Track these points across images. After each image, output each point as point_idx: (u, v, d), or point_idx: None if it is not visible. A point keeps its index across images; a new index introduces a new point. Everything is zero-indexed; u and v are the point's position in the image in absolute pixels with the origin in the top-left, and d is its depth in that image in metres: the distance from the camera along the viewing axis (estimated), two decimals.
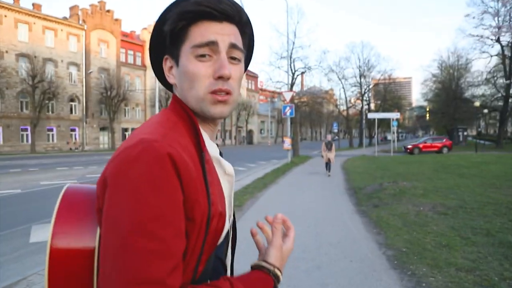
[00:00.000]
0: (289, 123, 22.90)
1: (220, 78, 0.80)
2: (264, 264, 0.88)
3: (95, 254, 0.77)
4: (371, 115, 29.01)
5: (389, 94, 58.74)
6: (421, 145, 31.46)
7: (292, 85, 27.39)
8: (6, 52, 37.49)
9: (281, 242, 0.94)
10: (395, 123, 31.91)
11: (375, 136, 40.75)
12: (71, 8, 45.32)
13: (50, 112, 41.25)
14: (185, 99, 0.83)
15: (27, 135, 38.10)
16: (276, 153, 35.83)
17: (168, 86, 0.93)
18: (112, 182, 0.68)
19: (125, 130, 50.10)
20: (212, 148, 0.87)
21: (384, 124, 52.72)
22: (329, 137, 16.60)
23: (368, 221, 7.05)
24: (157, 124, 0.78)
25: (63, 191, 0.83)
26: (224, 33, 0.81)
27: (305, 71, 28.31)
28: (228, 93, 0.82)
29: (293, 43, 27.46)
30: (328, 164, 15.27)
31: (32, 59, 38.00)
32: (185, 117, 0.82)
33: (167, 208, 0.67)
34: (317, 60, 64.34)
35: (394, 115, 29.15)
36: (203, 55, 0.80)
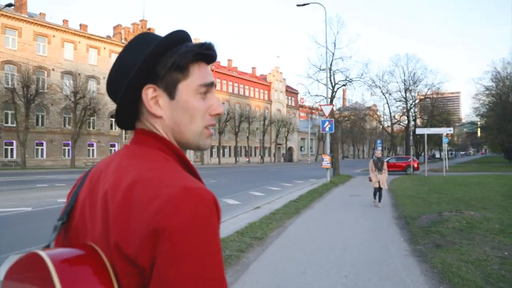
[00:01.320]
0: (328, 139, 20.98)
1: (217, 115, 0.87)
2: None
3: None
4: (420, 131, 26.32)
5: (437, 109, 54.98)
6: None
7: (332, 98, 25.49)
8: (53, 70, 38.49)
9: None
10: (446, 140, 28.96)
11: (423, 154, 37.46)
12: (115, 27, 46.28)
13: (91, 128, 41.75)
14: (179, 132, 0.84)
15: (68, 150, 38.54)
16: (315, 171, 33.76)
17: (126, 116, 0.86)
18: (174, 238, 0.64)
19: None
20: None
21: (431, 141, 49.11)
22: (378, 153, 11.94)
23: (430, 269, 5.11)
24: (166, 167, 0.76)
25: (49, 263, 0.64)
26: (212, 75, 0.88)
27: (346, 84, 26.32)
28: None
29: (333, 54, 25.67)
30: (377, 191, 11.24)
31: (75, 76, 38.73)
32: (174, 156, 0.82)
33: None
34: (359, 73, 61.84)
35: (446, 130, 26.29)
36: (204, 93, 0.85)
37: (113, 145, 43.98)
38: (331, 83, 26.01)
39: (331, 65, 25.69)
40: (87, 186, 0.83)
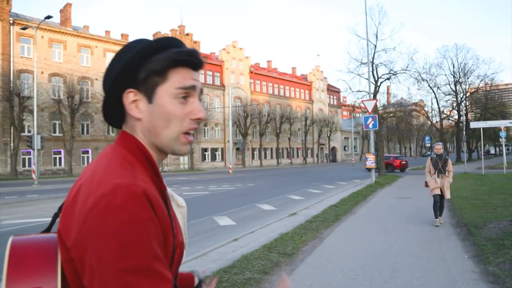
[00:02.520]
0: (372, 137, 19.36)
1: (198, 119, 0.87)
2: None
3: None
4: (475, 125, 23.85)
5: (491, 102, 50.81)
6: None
7: (375, 94, 23.75)
8: (96, 79, 39.40)
9: None
10: (503, 134, 26.16)
11: (478, 150, 34.39)
12: (154, 35, 46.79)
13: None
14: (155, 135, 0.85)
15: None
16: (360, 172, 31.95)
17: (112, 117, 0.91)
18: (100, 231, 0.69)
19: (205, 150, 49.85)
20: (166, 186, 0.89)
21: (485, 136, 45.39)
22: (438, 148, 8.33)
23: None
24: (118, 166, 0.79)
25: (8, 246, 0.76)
26: (197, 80, 0.88)
27: (390, 78, 24.41)
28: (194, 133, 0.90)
29: (375, 46, 23.88)
30: (438, 202, 7.97)
31: None
32: (141, 156, 0.84)
33: (156, 245, 0.71)
34: (404, 65, 58.79)
35: (505, 123, 23.58)
36: (183, 97, 0.85)
37: None
38: (374, 77, 24.27)
39: (373, 58, 23.98)
40: (74, 183, 0.85)
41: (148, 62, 0.83)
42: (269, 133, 57.53)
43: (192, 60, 0.86)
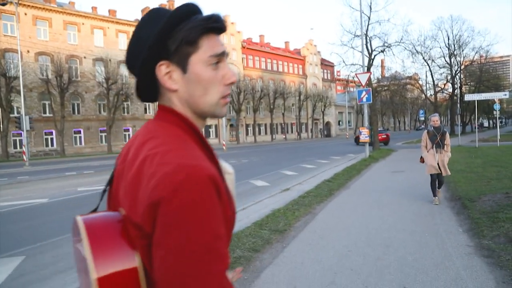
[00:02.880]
0: (366, 111, 19.16)
1: (231, 84, 0.90)
2: None
3: (139, 273, 0.78)
4: (469, 97, 23.65)
5: (485, 74, 50.50)
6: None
7: (369, 67, 23.40)
8: (84, 57, 38.54)
9: None
10: (497, 106, 26.04)
11: (472, 123, 34.37)
12: (143, 10, 45.53)
13: (126, 113, 41.77)
14: (194, 104, 0.88)
15: (105, 136, 38.79)
16: (354, 146, 31.92)
17: (145, 90, 0.90)
18: (166, 210, 0.72)
19: None
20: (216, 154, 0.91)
21: (479, 109, 45.36)
22: (435, 119, 7.51)
23: (508, 278, 3.68)
24: (173, 142, 0.81)
25: (81, 225, 0.80)
26: (224, 45, 0.89)
27: (384, 50, 23.99)
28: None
29: (369, 18, 23.32)
30: (436, 179, 7.35)
31: (107, 62, 38.59)
32: (189, 130, 0.86)
33: (218, 226, 0.75)
34: (398, 37, 57.51)
35: (500, 95, 23.40)
36: (215, 64, 0.87)
37: None
38: (368, 50, 23.84)
39: (367, 30, 23.47)
40: (121, 159, 0.90)
41: (177, 32, 0.83)
42: (262, 109, 57.13)
43: (220, 26, 0.87)
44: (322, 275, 4.08)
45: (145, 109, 43.63)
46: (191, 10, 0.86)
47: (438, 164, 7.21)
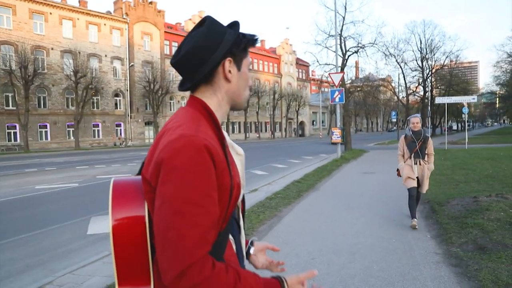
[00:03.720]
0: (338, 111, 19.09)
1: (250, 86, 1.21)
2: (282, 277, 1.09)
3: (145, 220, 0.98)
4: (440, 100, 24.07)
5: (455, 79, 51.78)
6: None
7: (343, 67, 23.40)
8: (52, 49, 36.96)
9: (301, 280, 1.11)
10: (465, 110, 26.61)
11: (441, 126, 35.13)
12: (115, 2, 44.23)
13: (95, 108, 40.40)
14: (238, 95, 1.15)
15: (73, 131, 37.36)
16: (327, 146, 31.97)
17: (195, 81, 1.10)
18: (164, 168, 0.92)
19: None
20: (226, 136, 1.10)
21: (448, 112, 46.49)
22: (415, 122, 5.86)
23: None
24: (188, 121, 1.02)
25: (111, 183, 1.03)
26: None
27: (358, 51, 24.04)
28: None
29: (343, 18, 23.29)
30: (415, 196, 5.80)
31: (76, 55, 37.18)
32: (206, 114, 1.06)
33: (207, 186, 0.92)
34: (372, 39, 57.99)
35: (469, 99, 23.90)
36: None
37: (118, 125, 42.60)
38: (342, 50, 23.83)
39: (341, 30, 23.45)
40: (155, 140, 1.06)
41: (240, 41, 1.11)
42: None
43: (256, 43, 1.18)
44: None
45: (116, 104, 42.35)
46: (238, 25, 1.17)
47: (417, 177, 5.80)
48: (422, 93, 48.65)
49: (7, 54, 33.66)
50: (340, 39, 23.39)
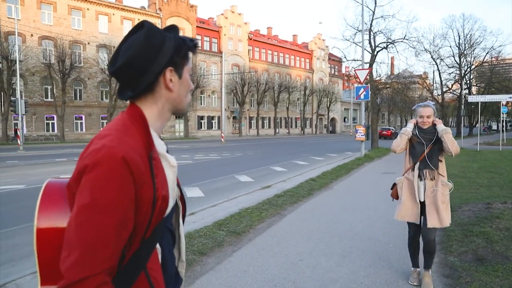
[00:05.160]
0: (363, 108, 18.59)
1: (191, 90, 1.22)
2: None
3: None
4: (472, 98, 22.94)
5: (496, 76, 49.18)
6: None
7: (371, 63, 22.75)
8: (88, 43, 38.25)
9: None
10: (504, 109, 25.23)
11: (477, 125, 33.50)
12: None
13: (127, 101, 41.39)
14: (179, 102, 1.15)
15: (106, 123, 38.49)
16: (355, 143, 31.20)
17: (126, 91, 1.10)
18: (84, 177, 0.94)
19: (201, 118, 48.99)
20: (160, 146, 1.10)
21: (488, 112, 44.29)
22: (427, 115, 3.59)
23: None
24: (116, 130, 1.02)
25: (44, 184, 1.05)
26: None
27: (387, 47, 23.24)
28: None
29: (373, 13, 22.57)
30: (419, 235, 3.73)
31: (111, 49, 38.26)
32: (141, 123, 1.06)
33: (120, 199, 0.93)
34: (403, 34, 55.72)
35: (505, 98, 22.61)
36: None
37: None
38: (371, 45, 23.15)
39: (371, 25, 22.76)
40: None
41: (180, 48, 1.10)
42: (267, 102, 56.56)
43: (196, 49, 1.18)
44: (260, 287, 3.66)
45: None
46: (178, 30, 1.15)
47: (424, 202, 3.56)
48: (459, 91, 46.61)
49: (47, 49, 35.14)
50: (370, 34, 22.72)
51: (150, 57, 1.04)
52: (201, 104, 48.51)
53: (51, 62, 33.94)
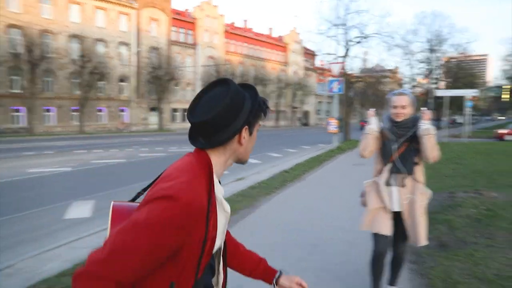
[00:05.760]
0: (336, 101, 18.87)
1: None
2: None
3: None
4: (441, 93, 23.73)
5: (462, 71, 50.88)
6: None
7: (345, 57, 23.06)
8: (58, 33, 36.87)
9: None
10: (469, 104, 26.15)
11: (444, 119, 34.65)
12: None
13: (101, 93, 40.44)
14: (244, 155, 1.22)
15: (78, 115, 37.52)
16: (328, 136, 31.69)
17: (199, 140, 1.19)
18: (148, 203, 1.02)
19: (175, 110, 48.27)
20: (219, 191, 1.15)
21: (454, 106, 45.79)
22: (401, 105, 2.95)
23: (426, 286, 3.37)
24: (186, 171, 1.08)
25: (111, 207, 1.17)
26: None
27: (361, 41, 23.64)
28: None
29: (347, 7, 22.90)
30: (383, 254, 3.05)
31: (82, 39, 37.11)
32: (207, 170, 1.12)
33: (162, 231, 0.98)
34: (376, 28, 56.74)
35: (470, 93, 23.45)
36: None
37: (122, 110, 42.62)
38: (345, 40, 23.46)
39: (345, 19, 23.06)
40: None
41: (255, 109, 1.18)
42: None
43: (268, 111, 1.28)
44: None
45: (121, 89, 42.34)
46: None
47: (399, 212, 3.03)
48: (427, 85, 47.93)
49: (14, 38, 33.68)
50: (344, 28, 23.01)
51: (232, 116, 1.12)
52: (175, 96, 47.85)
53: (19, 52, 32.57)
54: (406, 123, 2.99)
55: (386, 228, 2.97)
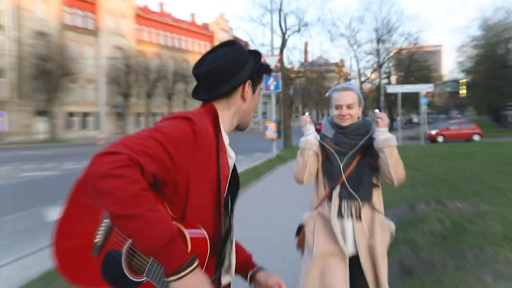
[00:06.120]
0: (273, 101, 19.08)
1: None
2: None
3: None
4: (391, 89, 25.08)
5: (415, 64, 54.56)
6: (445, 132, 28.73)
7: (282, 49, 23.49)
8: None
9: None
10: (424, 100, 27.93)
11: (398, 118, 36.74)
12: None
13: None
14: (246, 115, 1.53)
15: None
16: (266, 142, 31.98)
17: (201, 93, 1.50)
18: (161, 123, 1.31)
19: (71, 114, 45.89)
20: (226, 138, 1.41)
21: (409, 103, 48.90)
22: (347, 104, 2.65)
23: None
24: (192, 113, 1.34)
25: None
26: None
27: (300, 30, 24.30)
28: None
29: None
30: None
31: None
32: (213, 116, 1.39)
33: (172, 138, 1.21)
34: (317, 15, 58.76)
35: (425, 88, 25.06)
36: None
37: None
38: (281, 28, 23.92)
39: (281, 4, 23.54)
40: None
41: (259, 68, 1.49)
42: (158, 95, 55.55)
43: (270, 71, 1.65)
44: None
45: None
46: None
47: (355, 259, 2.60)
48: (378, 80, 50.70)
49: None
50: (280, 14, 23.47)
51: (235, 70, 1.40)
52: (71, 96, 45.52)
53: None
54: (356, 128, 2.67)
55: (342, 284, 2.49)
